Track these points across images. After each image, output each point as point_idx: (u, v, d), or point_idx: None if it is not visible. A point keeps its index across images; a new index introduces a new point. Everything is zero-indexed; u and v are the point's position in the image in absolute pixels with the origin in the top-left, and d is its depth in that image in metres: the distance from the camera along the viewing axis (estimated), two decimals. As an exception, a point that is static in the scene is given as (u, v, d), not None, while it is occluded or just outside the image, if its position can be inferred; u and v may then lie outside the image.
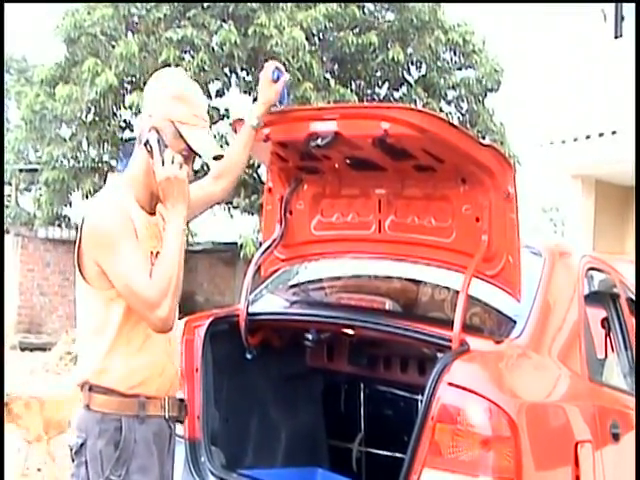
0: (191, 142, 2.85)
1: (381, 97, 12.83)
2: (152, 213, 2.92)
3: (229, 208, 12.48)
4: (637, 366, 4.42)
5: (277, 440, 4.05)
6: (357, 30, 12.08)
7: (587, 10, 13.14)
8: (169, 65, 10.68)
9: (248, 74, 12.09)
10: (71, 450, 2.85)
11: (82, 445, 2.81)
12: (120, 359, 2.81)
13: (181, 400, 3.01)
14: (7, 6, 7.54)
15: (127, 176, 2.95)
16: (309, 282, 4.62)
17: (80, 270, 2.85)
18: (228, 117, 12.04)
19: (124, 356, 2.81)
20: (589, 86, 12.87)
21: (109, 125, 11.98)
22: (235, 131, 3.48)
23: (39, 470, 6.38)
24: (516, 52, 13.41)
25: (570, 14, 13.19)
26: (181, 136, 2.85)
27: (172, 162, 2.81)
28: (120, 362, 2.81)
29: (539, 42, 13.78)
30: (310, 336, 3.95)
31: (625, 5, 13.08)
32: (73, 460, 2.85)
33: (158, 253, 2.83)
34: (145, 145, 2.85)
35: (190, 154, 2.89)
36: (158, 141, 2.84)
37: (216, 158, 2.98)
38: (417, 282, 4.27)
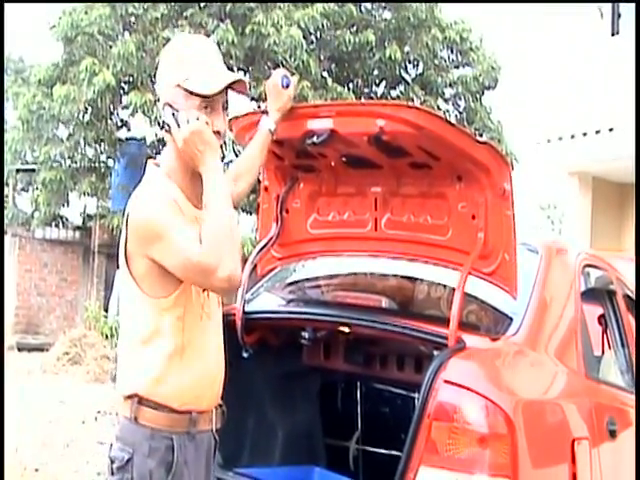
0: (197, 89, 2.68)
1: (378, 95, 12.83)
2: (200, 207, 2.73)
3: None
4: (637, 363, 4.43)
5: (274, 439, 4.05)
6: (354, 29, 12.08)
7: (584, 9, 13.15)
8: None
9: (245, 73, 12.08)
10: (112, 462, 2.70)
11: (128, 461, 2.65)
12: (174, 373, 2.67)
13: (220, 406, 2.90)
14: (5, 6, 7.50)
15: (163, 166, 2.79)
16: (305, 280, 4.61)
17: (130, 272, 2.68)
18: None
19: (178, 370, 2.67)
20: (586, 84, 12.89)
21: (106, 125, 11.97)
22: (231, 129, 3.47)
23: (36, 470, 6.37)
24: (514, 50, 13.42)
25: (567, 13, 13.21)
26: (191, 92, 2.68)
27: (187, 122, 2.64)
28: (174, 376, 2.67)
29: (536, 40, 13.79)
30: (306, 334, 3.94)
31: (622, 2, 13.09)
32: (112, 473, 2.70)
33: None
34: (163, 128, 2.71)
35: (212, 104, 2.71)
36: (173, 115, 2.68)
37: (232, 88, 2.76)
38: (413, 280, 4.28)
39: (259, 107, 11.13)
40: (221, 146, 2.81)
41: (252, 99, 11.64)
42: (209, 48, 2.84)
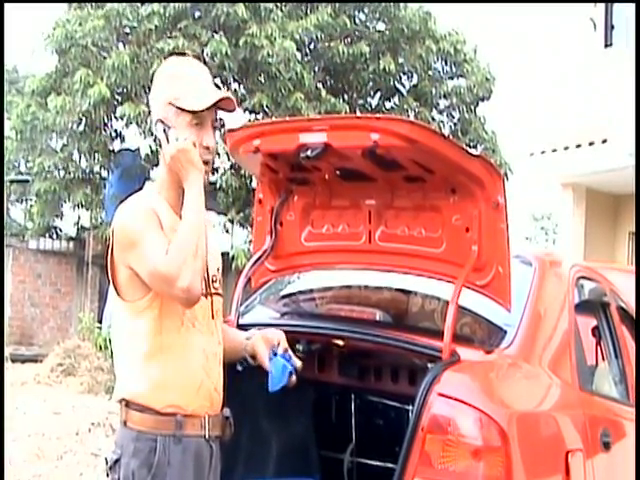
0: (186, 106, 2.81)
1: (373, 107, 12.85)
2: None
3: (225, 223, 12.47)
4: (637, 374, 4.44)
5: (268, 451, 4.04)
6: (348, 40, 12.11)
7: (577, 19, 13.20)
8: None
9: (239, 85, 12.10)
10: (106, 464, 2.85)
11: (116, 462, 2.79)
12: (153, 375, 2.78)
13: (226, 417, 2.99)
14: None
15: (156, 180, 2.97)
16: (300, 293, 4.62)
17: (114, 281, 2.83)
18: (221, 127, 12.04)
19: (157, 372, 2.78)
20: (580, 96, 12.93)
21: (100, 136, 11.97)
22: (225, 142, 3.48)
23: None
24: (508, 61, 13.45)
25: (561, 23, 13.26)
26: (182, 110, 2.82)
27: (176, 140, 2.79)
28: (153, 378, 2.78)
29: (530, 52, 13.83)
30: (300, 347, 3.94)
31: (615, 13, 13.14)
32: (107, 475, 2.85)
33: None
34: (156, 142, 2.90)
35: (202, 120, 2.84)
36: (164, 130, 2.83)
37: (221, 108, 2.89)
38: (407, 292, 4.28)
39: (256, 119, 11.15)
40: (212, 161, 2.97)
41: (246, 110, 11.66)
42: (200, 70, 2.97)
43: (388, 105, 12.92)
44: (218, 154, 10.60)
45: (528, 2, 13.66)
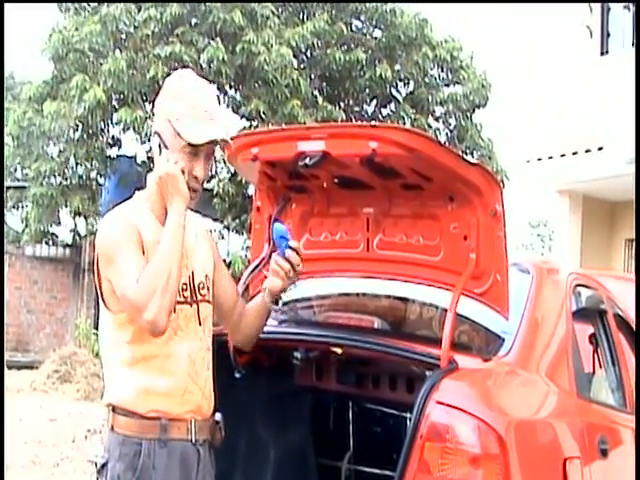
0: (183, 134, 2.81)
1: (369, 114, 12.86)
2: None
3: (221, 230, 12.46)
4: (637, 382, 4.44)
5: (266, 458, 4.05)
6: (345, 47, 12.12)
7: (574, 23, 13.23)
8: (157, 82, 10.71)
9: (236, 91, 12.11)
10: (95, 468, 2.88)
11: (104, 465, 2.82)
12: (137, 381, 2.80)
13: (216, 422, 3.00)
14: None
15: (146, 189, 2.97)
16: (297, 301, 4.61)
17: (100, 288, 2.86)
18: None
19: (141, 378, 2.80)
20: (576, 103, 12.95)
21: (97, 142, 11.96)
22: (223, 150, 3.47)
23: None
24: (503, 69, 13.47)
25: (558, 26, 13.29)
26: (178, 134, 2.82)
27: (167, 161, 2.81)
28: (138, 384, 2.80)
29: (526, 59, 13.85)
30: (299, 355, 3.95)
31: (611, 21, 13.18)
32: (97, 479, 2.88)
33: None
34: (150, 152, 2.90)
35: (196, 152, 2.85)
36: (159, 145, 2.85)
37: (214, 142, 2.89)
38: (405, 300, 4.28)
39: (250, 126, 11.15)
40: (199, 189, 2.94)
41: (242, 117, 11.67)
42: (208, 93, 2.97)
43: (384, 112, 12.93)
44: (216, 161, 10.61)
45: (525, 2, 13.68)
